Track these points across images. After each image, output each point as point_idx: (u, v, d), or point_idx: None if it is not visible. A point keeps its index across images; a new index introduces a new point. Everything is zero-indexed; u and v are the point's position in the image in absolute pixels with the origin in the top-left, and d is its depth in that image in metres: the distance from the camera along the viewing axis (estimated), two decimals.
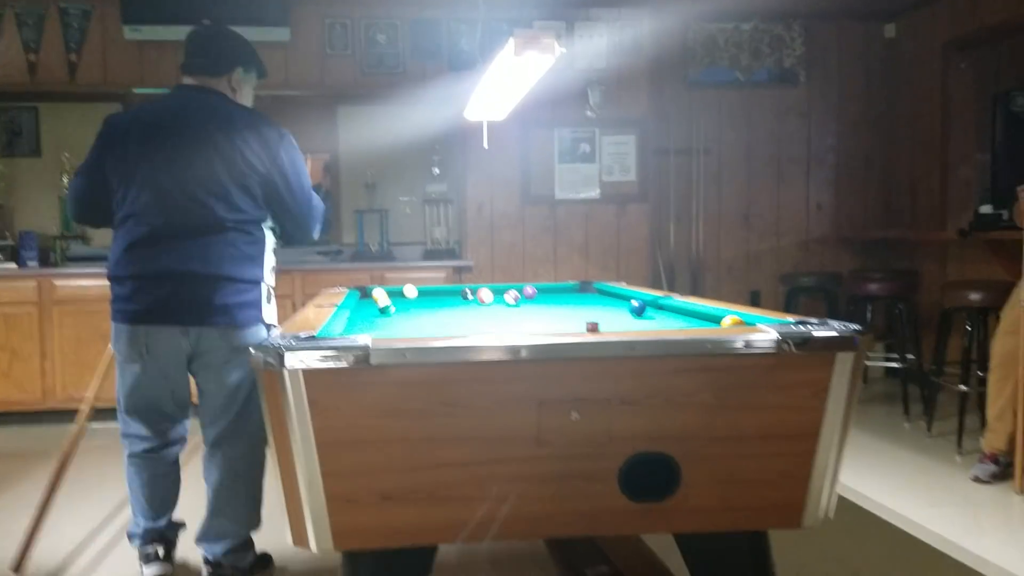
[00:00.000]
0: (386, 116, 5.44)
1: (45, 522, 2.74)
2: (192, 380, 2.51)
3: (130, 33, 4.81)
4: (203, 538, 2.57)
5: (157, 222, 2.36)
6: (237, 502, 2.51)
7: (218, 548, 2.53)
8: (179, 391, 2.50)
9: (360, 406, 1.52)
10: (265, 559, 2.68)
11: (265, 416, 1.57)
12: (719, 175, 5.70)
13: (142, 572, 2.58)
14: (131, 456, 2.55)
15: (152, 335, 2.38)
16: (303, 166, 2.50)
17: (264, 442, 2.41)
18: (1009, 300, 3.53)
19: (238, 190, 2.37)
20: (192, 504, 2.72)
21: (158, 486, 2.57)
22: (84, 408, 2.83)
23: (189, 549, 2.68)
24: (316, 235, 2.58)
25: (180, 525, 2.71)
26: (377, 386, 1.52)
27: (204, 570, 2.57)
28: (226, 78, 2.52)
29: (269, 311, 2.48)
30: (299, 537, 1.57)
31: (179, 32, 4.79)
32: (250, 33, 4.81)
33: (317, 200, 2.55)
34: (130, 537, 2.65)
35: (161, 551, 2.59)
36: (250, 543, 2.60)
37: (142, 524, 2.60)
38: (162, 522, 2.61)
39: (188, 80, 2.52)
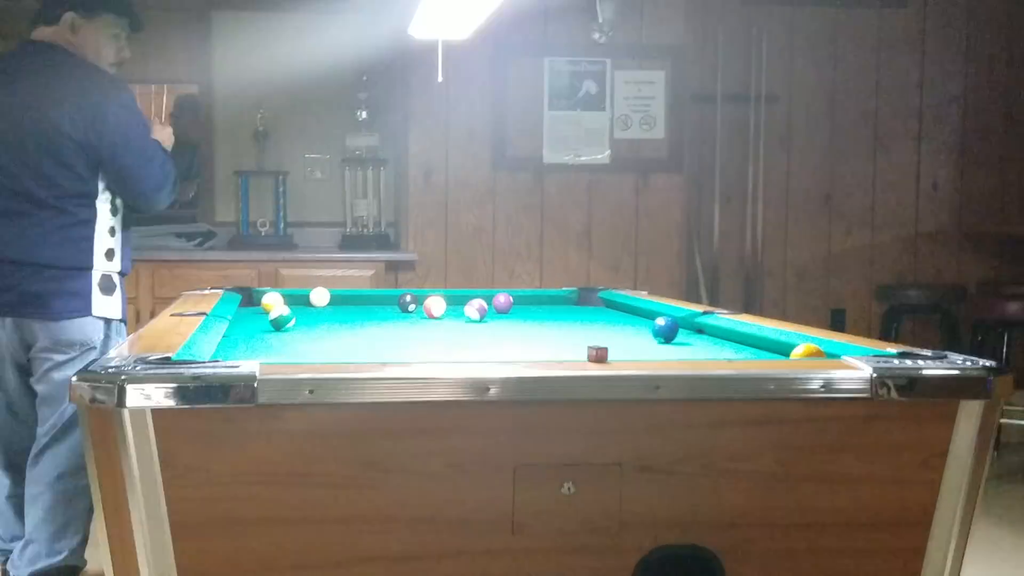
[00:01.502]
0: (286, 29, 5.41)
1: None
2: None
3: None
4: (16, 560, 3.05)
5: None
6: (51, 523, 2.98)
7: (25, 571, 3.00)
8: (11, 400, 3.06)
9: (240, 468, 1.51)
10: None
11: (91, 479, 1.56)
12: (789, 136, 5.75)
13: None
14: None
15: None
16: (138, 127, 3.05)
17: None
18: None
19: (51, 162, 2.91)
20: None
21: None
22: None
23: None
24: (163, 203, 3.15)
25: None
26: (267, 437, 1.51)
27: None
28: (62, 27, 3.04)
29: (105, 304, 3.00)
30: None
31: None
32: None
33: (161, 163, 3.08)
34: None
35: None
36: (66, 571, 3.03)
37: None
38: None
39: (34, 34, 3.09)
